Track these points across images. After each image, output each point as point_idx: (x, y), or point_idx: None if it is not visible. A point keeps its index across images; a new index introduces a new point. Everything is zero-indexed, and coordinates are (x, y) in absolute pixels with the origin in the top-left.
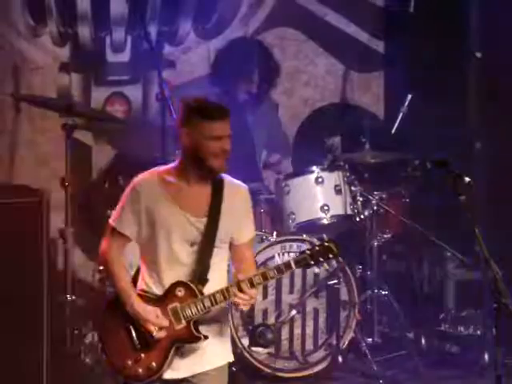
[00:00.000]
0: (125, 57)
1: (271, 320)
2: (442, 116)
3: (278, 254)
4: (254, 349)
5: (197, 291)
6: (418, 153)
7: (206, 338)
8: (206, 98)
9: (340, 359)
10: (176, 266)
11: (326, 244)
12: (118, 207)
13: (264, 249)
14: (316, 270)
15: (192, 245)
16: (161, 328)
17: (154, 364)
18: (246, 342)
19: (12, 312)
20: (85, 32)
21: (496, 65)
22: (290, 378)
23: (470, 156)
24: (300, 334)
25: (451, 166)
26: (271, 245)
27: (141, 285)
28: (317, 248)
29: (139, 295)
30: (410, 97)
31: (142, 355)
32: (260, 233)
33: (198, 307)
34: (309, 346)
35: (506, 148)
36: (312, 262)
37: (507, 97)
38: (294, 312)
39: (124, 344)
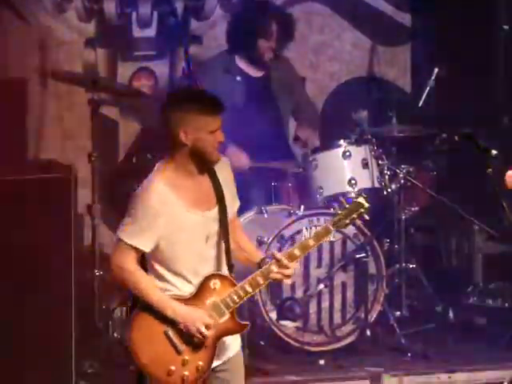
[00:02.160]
0: (151, 32)
1: (299, 294)
2: (469, 89)
3: (306, 228)
4: (281, 322)
5: (232, 279)
6: (445, 126)
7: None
8: (201, 91)
9: (368, 333)
10: (203, 263)
11: (355, 199)
12: (129, 221)
13: (291, 223)
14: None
15: (213, 237)
16: (208, 327)
17: (201, 363)
18: (273, 315)
19: (40, 288)
20: (110, 7)
21: None
22: (318, 352)
23: (498, 130)
24: (328, 307)
25: (478, 140)
26: (299, 219)
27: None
28: (347, 205)
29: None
30: (436, 70)
31: (187, 357)
32: (287, 207)
33: (240, 294)
34: (337, 319)
35: None
36: (347, 221)
37: None
38: (321, 286)
39: (164, 351)
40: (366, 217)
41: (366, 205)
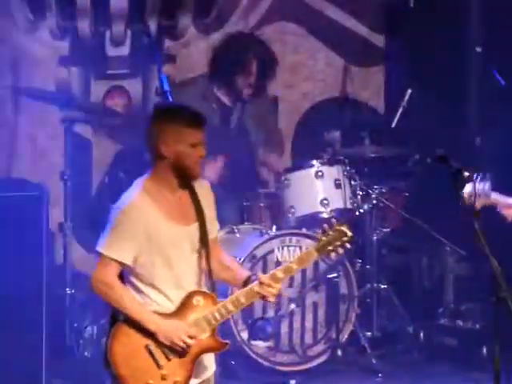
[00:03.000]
0: (125, 51)
1: (270, 314)
2: (442, 111)
3: (278, 248)
4: (253, 342)
5: (215, 297)
6: (418, 148)
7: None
8: (184, 106)
9: (339, 353)
10: (183, 280)
11: (338, 227)
12: (109, 234)
13: (263, 243)
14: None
15: (193, 253)
16: (192, 337)
17: (179, 379)
18: (245, 335)
19: (11, 306)
20: (84, 26)
21: (496, 59)
22: (290, 372)
23: (470, 151)
24: (299, 327)
25: (451, 161)
26: (270, 239)
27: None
28: (331, 232)
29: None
30: (410, 91)
31: (166, 372)
32: (259, 227)
33: (223, 312)
34: (308, 339)
35: (507, 143)
36: (331, 248)
37: (508, 92)
38: (293, 306)
39: (145, 364)
40: (349, 246)
41: (350, 233)
